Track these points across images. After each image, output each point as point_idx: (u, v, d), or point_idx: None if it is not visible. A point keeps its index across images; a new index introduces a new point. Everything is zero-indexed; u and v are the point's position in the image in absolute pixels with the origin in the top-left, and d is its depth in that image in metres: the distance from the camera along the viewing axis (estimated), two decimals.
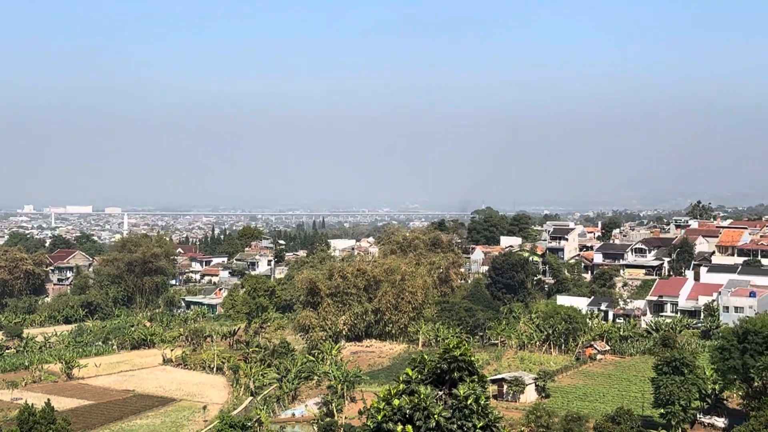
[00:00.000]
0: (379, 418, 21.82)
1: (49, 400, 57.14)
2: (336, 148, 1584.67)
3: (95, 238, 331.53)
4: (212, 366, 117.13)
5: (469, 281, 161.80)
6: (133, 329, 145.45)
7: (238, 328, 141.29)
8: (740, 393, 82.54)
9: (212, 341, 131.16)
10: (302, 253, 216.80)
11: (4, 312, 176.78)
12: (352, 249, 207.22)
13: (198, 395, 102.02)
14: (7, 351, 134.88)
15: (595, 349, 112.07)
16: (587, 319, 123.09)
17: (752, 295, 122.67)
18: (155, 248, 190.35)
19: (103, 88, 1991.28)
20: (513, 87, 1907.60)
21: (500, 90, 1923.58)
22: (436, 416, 21.21)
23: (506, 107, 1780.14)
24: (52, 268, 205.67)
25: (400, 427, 21.27)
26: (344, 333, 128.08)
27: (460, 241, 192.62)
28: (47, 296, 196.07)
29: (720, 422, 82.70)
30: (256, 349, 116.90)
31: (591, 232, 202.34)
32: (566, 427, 77.22)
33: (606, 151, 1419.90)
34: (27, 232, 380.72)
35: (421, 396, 21.52)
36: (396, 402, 21.75)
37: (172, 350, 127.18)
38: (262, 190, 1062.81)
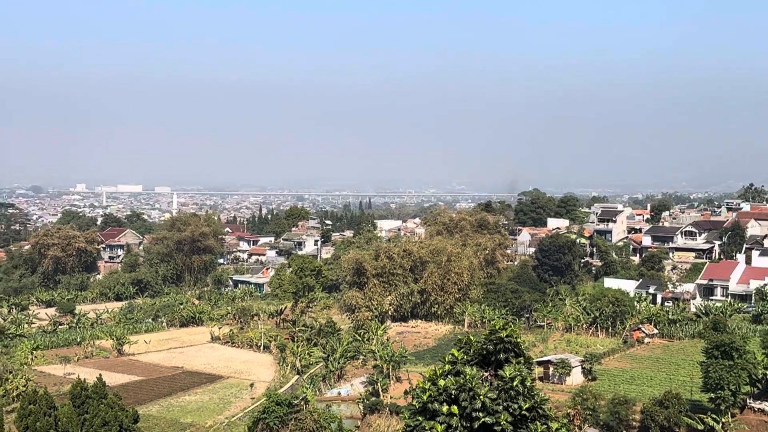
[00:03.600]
0: (425, 398, 21.90)
1: (100, 375, 58.13)
2: (384, 129, 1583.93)
3: (145, 216, 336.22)
4: (259, 344, 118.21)
5: (516, 263, 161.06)
6: (182, 307, 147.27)
7: (285, 307, 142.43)
8: None
9: (259, 320, 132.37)
10: (349, 233, 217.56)
11: (57, 289, 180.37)
12: (399, 230, 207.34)
13: (245, 373, 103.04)
14: (60, 327, 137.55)
15: (643, 332, 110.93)
16: (635, 302, 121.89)
17: None
18: (204, 227, 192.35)
19: (154, 70, 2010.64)
20: (561, 69, 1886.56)
21: (549, 72, 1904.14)
22: (481, 397, 21.21)
23: (555, 89, 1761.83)
24: (103, 246, 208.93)
25: (445, 408, 21.32)
26: (390, 313, 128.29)
27: (506, 222, 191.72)
28: (99, 273, 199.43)
29: None
30: (303, 328, 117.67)
31: (640, 215, 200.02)
32: (613, 410, 76.70)
33: (656, 133, 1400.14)
34: (79, 210, 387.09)
35: (467, 377, 21.53)
36: (441, 382, 21.79)
37: (220, 328, 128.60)
38: (309, 171, 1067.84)
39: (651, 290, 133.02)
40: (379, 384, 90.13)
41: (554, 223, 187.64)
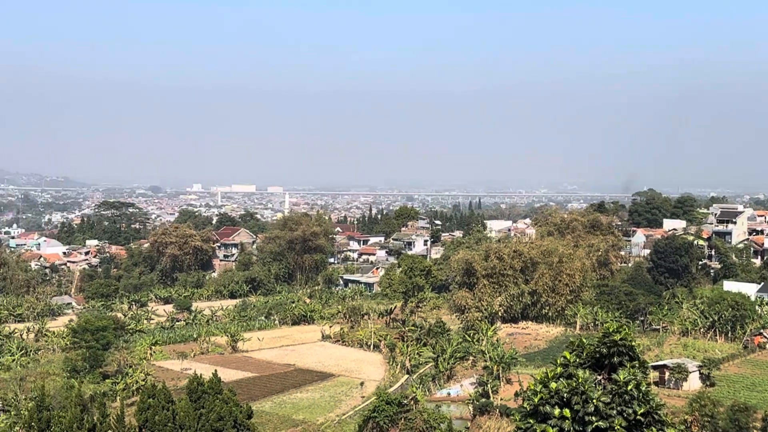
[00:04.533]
0: (536, 400, 21.60)
1: (216, 371, 59.50)
2: (493, 128, 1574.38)
3: (258, 216, 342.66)
4: (369, 343, 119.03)
5: (630, 265, 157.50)
6: (293, 305, 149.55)
7: (395, 307, 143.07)
8: None
9: (369, 319, 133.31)
10: (458, 233, 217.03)
11: (174, 286, 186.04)
12: (509, 230, 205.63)
13: (355, 371, 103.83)
14: (177, 323, 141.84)
15: (765, 337, 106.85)
16: (756, 306, 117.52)
17: None
18: (315, 227, 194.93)
19: (265, 75, 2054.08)
20: (679, 66, 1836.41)
21: (665, 69, 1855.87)
22: (594, 401, 20.78)
23: (671, 86, 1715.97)
24: (218, 244, 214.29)
25: (557, 411, 20.97)
26: (500, 314, 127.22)
27: (620, 223, 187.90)
28: (214, 271, 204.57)
29: None
30: (412, 327, 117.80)
31: (762, 216, 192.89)
32: (732, 417, 74.05)
33: None
34: (195, 209, 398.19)
35: (580, 380, 21.13)
36: (553, 385, 21.45)
37: (330, 327, 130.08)
38: (418, 171, 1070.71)
39: None
40: (489, 385, 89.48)
41: (670, 224, 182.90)
